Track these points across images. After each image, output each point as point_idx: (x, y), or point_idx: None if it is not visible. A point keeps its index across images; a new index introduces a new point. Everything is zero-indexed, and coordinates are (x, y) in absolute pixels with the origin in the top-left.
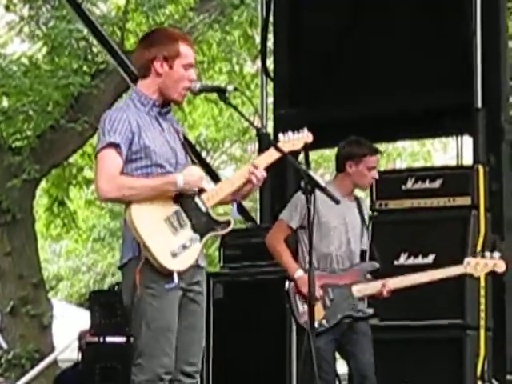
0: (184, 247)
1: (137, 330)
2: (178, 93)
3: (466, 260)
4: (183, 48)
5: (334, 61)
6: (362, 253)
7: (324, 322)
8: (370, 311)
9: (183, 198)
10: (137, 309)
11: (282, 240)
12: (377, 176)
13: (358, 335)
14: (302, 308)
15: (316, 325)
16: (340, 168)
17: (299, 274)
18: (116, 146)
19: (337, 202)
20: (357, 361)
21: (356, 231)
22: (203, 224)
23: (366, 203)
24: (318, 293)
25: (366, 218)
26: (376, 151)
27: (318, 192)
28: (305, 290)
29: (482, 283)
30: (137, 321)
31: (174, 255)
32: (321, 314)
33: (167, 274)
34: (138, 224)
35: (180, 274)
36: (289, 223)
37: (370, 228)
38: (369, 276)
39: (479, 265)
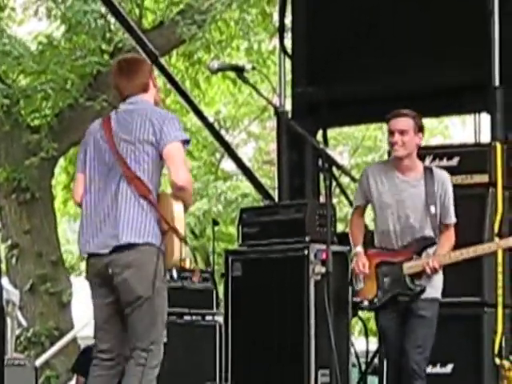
0: None
1: (153, 319)
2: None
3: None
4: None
5: (352, 38)
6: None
7: (375, 300)
8: (417, 288)
9: None
10: (156, 300)
11: (356, 217)
12: (393, 140)
13: (414, 316)
14: (359, 285)
15: (366, 303)
16: None
17: (357, 250)
18: (186, 144)
19: (352, 178)
20: (405, 344)
21: (418, 206)
22: None
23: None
24: (367, 270)
25: (441, 191)
26: (394, 115)
27: (372, 170)
28: (355, 266)
29: (500, 260)
30: (153, 311)
31: None
32: (373, 291)
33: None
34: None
35: None
36: (354, 203)
37: None
38: (429, 251)
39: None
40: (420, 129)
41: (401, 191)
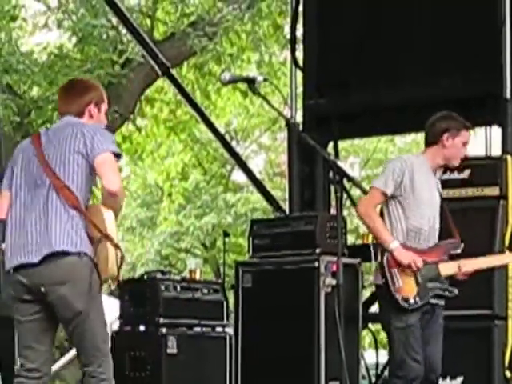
0: None
1: (98, 330)
2: None
3: None
4: (105, 95)
5: (363, 50)
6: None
7: (418, 299)
8: (456, 291)
9: None
10: (94, 310)
11: (376, 208)
12: (464, 153)
13: (436, 323)
14: (398, 283)
15: (412, 301)
16: (435, 140)
17: (396, 244)
18: (118, 158)
19: (363, 191)
20: (428, 349)
21: (438, 208)
22: None
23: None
24: (417, 265)
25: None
26: (469, 127)
27: (415, 163)
28: (405, 261)
29: (510, 273)
30: (96, 322)
31: None
32: (414, 290)
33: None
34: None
35: None
36: (383, 190)
37: None
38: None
39: None
40: None
41: (434, 191)
